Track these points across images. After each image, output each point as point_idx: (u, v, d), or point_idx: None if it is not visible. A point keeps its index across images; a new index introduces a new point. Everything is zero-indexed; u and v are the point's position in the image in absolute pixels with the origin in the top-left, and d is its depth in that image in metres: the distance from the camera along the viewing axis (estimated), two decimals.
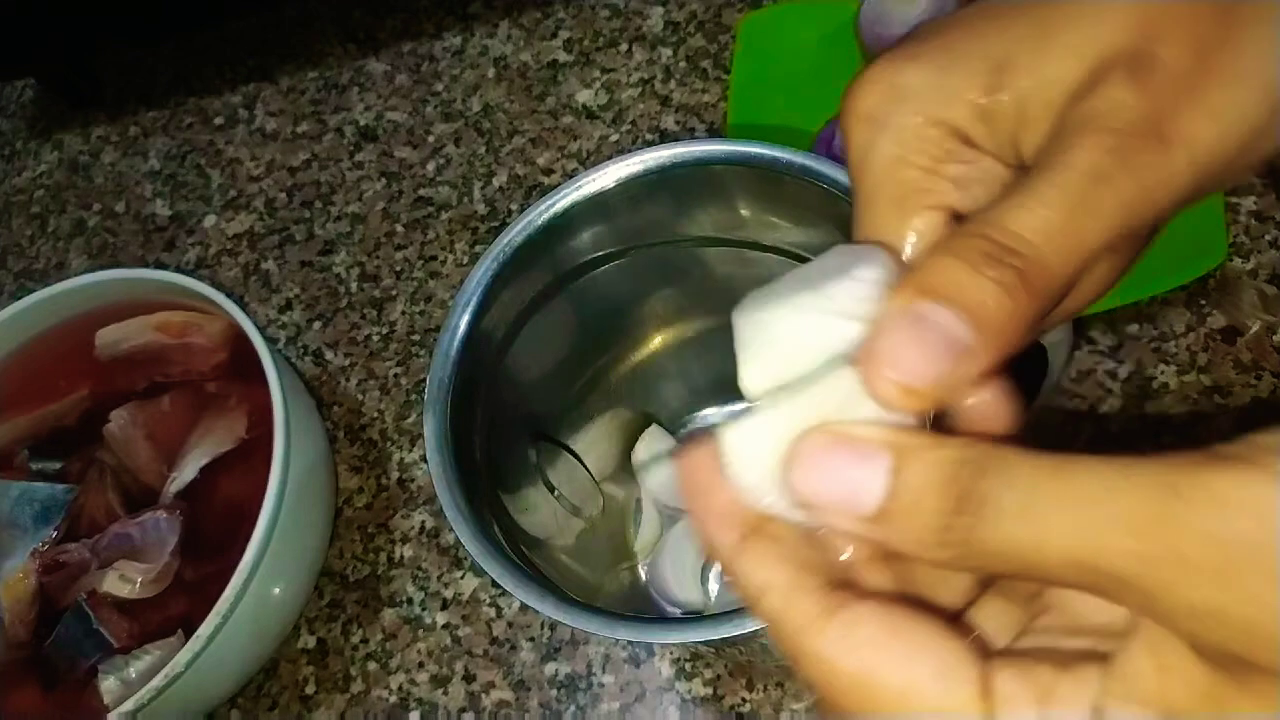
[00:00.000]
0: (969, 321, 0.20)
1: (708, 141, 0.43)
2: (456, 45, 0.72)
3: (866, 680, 0.19)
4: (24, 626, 0.50)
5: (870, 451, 0.20)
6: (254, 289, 0.66)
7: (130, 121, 0.76)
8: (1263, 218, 0.52)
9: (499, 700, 0.51)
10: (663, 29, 0.68)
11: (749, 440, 0.21)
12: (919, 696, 0.19)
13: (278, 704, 0.53)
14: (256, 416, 0.52)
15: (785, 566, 0.21)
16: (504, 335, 0.44)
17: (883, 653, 0.19)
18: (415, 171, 0.68)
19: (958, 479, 0.19)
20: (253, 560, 0.45)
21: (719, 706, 0.48)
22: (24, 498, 0.52)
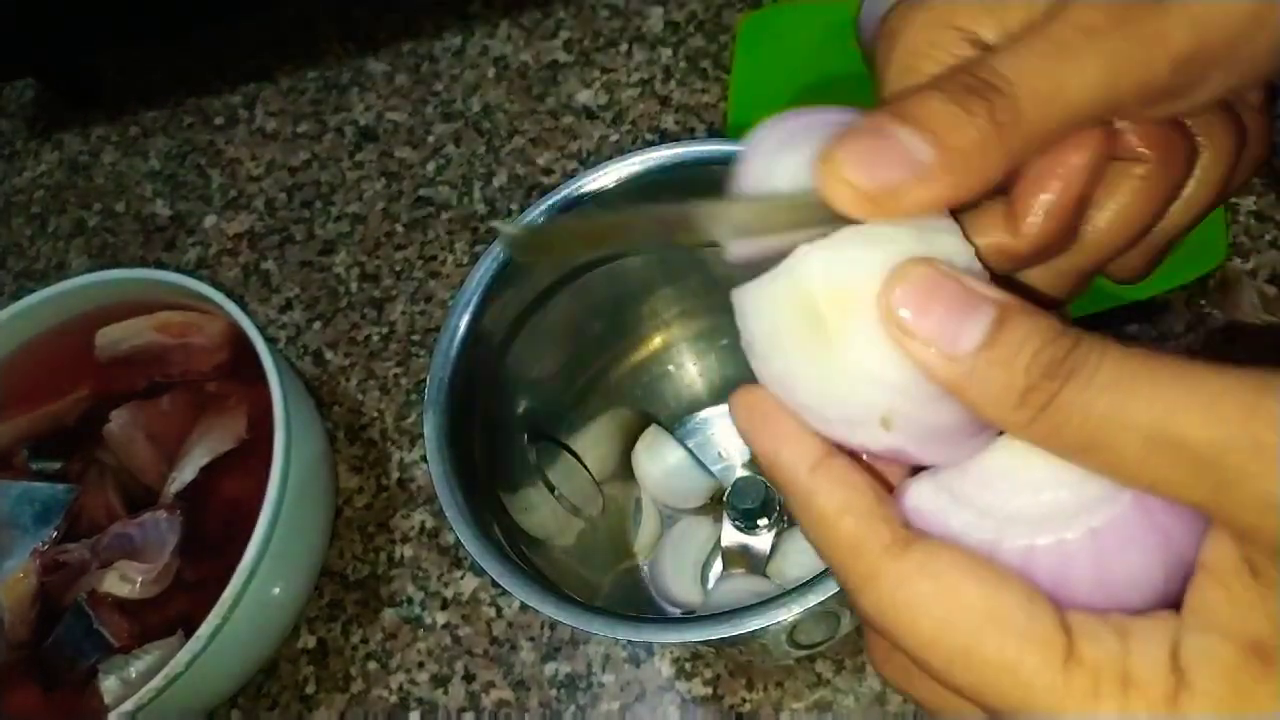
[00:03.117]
0: (929, 141, 0.20)
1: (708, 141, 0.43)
2: (456, 45, 0.72)
3: (949, 603, 0.19)
4: (24, 626, 0.50)
5: (978, 298, 0.20)
6: (254, 289, 0.66)
7: (130, 121, 0.76)
8: (1263, 218, 0.52)
9: (499, 700, 0.51)
10: (663, 29, 0.68)
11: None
12: (1006, 619, 0.19)
13: (278, 704, 0.53)
14: (256, 416, 0.52)
15: (866, 491, 0.21)
16: (504, 335, 0.44)
17: (967, 579, 0.19)
18: (415, 171, 0.68)
19: (1055, 344, 0.19)
20: (253, 560, 0.45)
21: (719, 706, 0.48)
22: (24, 497, 0.52)
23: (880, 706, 0.46)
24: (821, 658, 0.48)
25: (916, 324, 0.20)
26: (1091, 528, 0.19)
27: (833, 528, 0.21)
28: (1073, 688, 0.18)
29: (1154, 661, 0.18)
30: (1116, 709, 0.18)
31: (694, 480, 0.51)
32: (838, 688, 0.47)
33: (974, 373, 0.19)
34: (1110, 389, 0.18)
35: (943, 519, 0.21)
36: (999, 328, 0.19)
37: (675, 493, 0.51)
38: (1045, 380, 0.18)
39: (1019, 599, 0.19)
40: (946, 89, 0.21)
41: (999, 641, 0.19)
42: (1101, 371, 0.18)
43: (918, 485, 0.21)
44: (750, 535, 0.49)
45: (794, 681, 0.47)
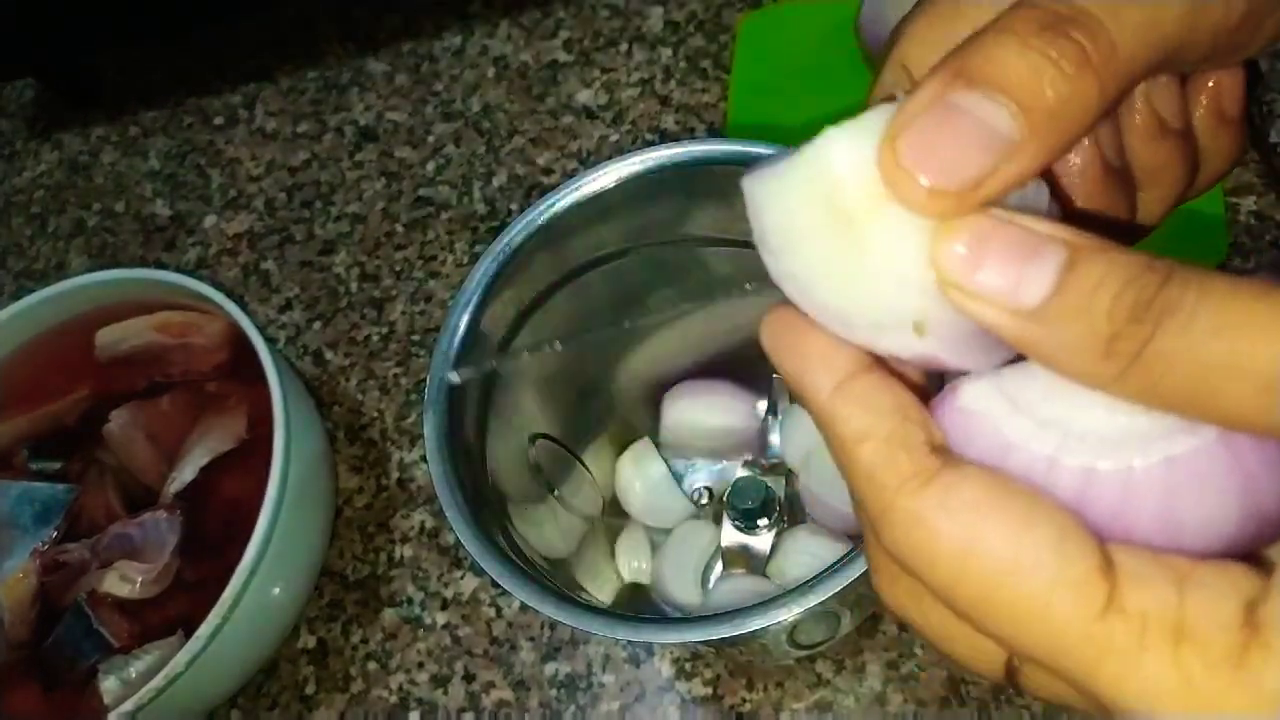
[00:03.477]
0: (1012, 109, 0.17)
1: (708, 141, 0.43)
2: (456, 45, 0.72)
3: (968, 548, 0.17)
4: (24, 626, 0.50)
5: (1043, 242, 0.17)
6: (254, 289, 0.66)
7: (130, 121, 0.76)
8: (1263, 218, 0.52)
9: (499, 700, 0.51)
10: (663, 29, 0.68)
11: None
12: (1030, 569, 0.16)
13: (278, 704, 0.53)
14: (256, 416, 0.52)
15: (889, 415, 0.19)
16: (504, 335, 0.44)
17: (990, 518, 0.17)
18: (415, 171, 0.68)
19: (1141, 281, 0.16)
20: (253, 560, 0.45)
21: (719, 706, 0.48)
22: (24, 497, 0.52)
23: (880, 707, 0.46)
24: (822, 658, 0.47)
25: (972, 280, 0.17)
26: (1167, 456, 0.17)
27: (850, 456, 0.19)
28: (1114, 639, 0.16)
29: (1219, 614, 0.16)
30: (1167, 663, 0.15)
31: (671, 499, 0.51)
32: (838, 688, 0.47)
33: (1045, 325, 0.16)
34: (1216, 332, 0.15)
35: (995, 425, 0.18)
36: (1070, 271, 0.16)
37: (652, 509, 0.51)
38: (1133, 325, 0.16)
39: (1050, 538, 0.17)
40: (1018, 30, 0.17)
41: (1026, 588, 0.16)
42: (1203, 311, 0.15)
43: (973, 385, 0.19)
44: (750, 535, 0.49)
45: (794, 682, 0.47)
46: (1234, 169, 0.26)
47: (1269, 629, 0.15)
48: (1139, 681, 0.16)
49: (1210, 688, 0.15)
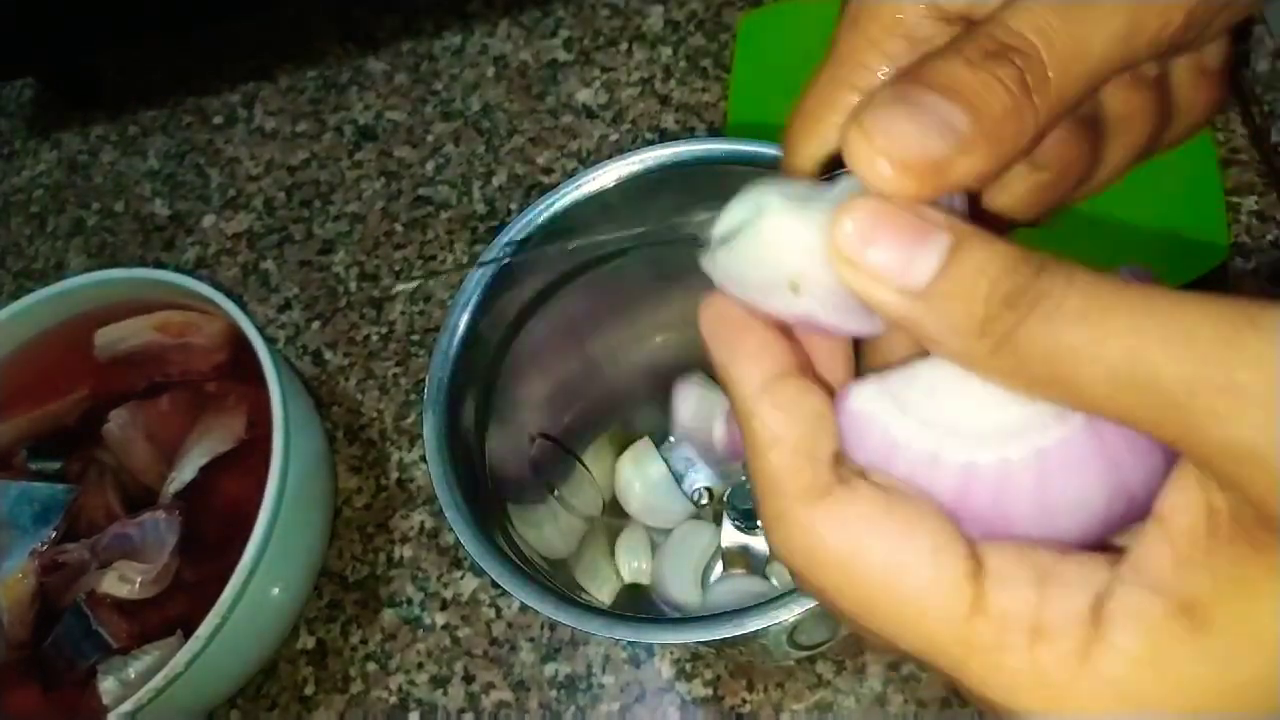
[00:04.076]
0: (965, 109, 0.19)
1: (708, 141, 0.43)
2: (456, 44, 0.72)
3: (851, 558, 0.18)
4: (23, 627, 0.50)
5: (931, 228, 0.18)
6: (253, 289, 0.66)
7: (129, 121, 0.76)
8: (1264, 217, 0.52)
9: (499, 701, 0.50)
10: (663, 28, 0.68)
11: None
12: (906, 576, 0.18)
13: (277, 704, 0.53)
14: (256, 417, 0.52)
15: (801, 424, 0.20)
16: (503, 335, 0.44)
17: (873, 530, 0.18)
18: (414, 171, 0.68)
19: (1017, 270, 0.17)
20: (252, 561, 0.45)
21: (719, 707, 0.48)
22: (23, 498, 0.52)
23: (881, 708, 0.46)
24: (822, 658, 0.47)
25: (864, 258, 0.18)
26: (1038, 447, 0.18)
27: (760, 458, 0.20)
28: (978, 639, 0.17)
29: (1070, 611, 0.17)
30: (1022, 659, 0.17)
31: (670, 499, 0.51)
32: (838, 689, 0.47)
33: (929, 305, 0.18)
34: (1077, 320, 0.17)
35: (883, 425, 0.20)
36: (954, 256, 0.18)
37: (652, 509, 0.51)
38: (1006, 310, 0.17)
39: (925, 550, 0.18)
40: (967, 54, 0.19)
41: (902, 594, 0.18)
42: (1069, 300, 0.17)
43: (860, 389, 0.20)
44: (751, 535, 0.49)
45: (794, 682, 0.47)
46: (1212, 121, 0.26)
47: (1111, 624, 0.17)
48: (1000, 676, 0.17)
49: (1061, 680, 0.17)
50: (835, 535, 0.19)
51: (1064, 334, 0.17)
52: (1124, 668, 0.16)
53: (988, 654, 0.17)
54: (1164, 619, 0.16)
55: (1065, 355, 0.17)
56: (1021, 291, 0.17)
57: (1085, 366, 0.17)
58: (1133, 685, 0.16)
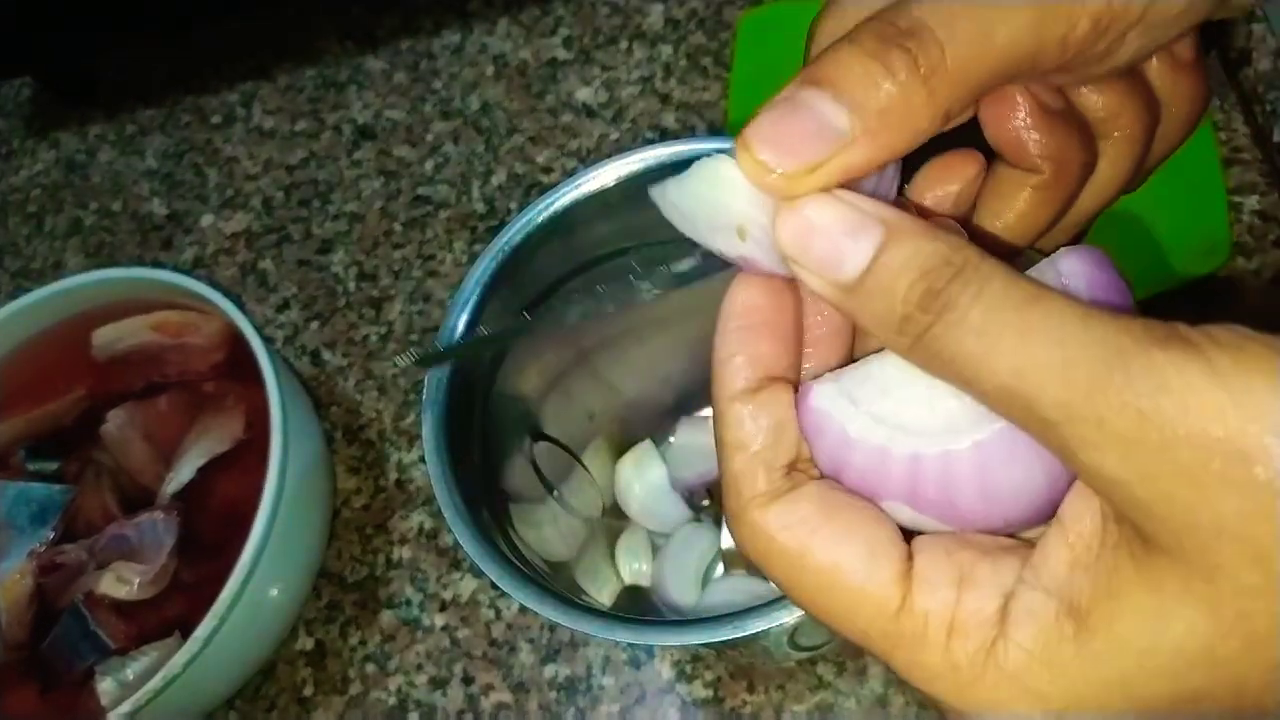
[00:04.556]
0: (846, 105, 0.20)
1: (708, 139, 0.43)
2: (455, 43, 0.71)
3: (798, 558, 0.21)
4: (21, 628, 0.49)
5: (864, 222, 0.20)
6: (251, 288, 0.66)
7: (127, 120, 0.76)
8: (1266, 218, 0.52)
9: (498, 702, 0.50)
10: (663, 26, 0.68)
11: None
12: (843, 575, 0.20)
13: (276, 706, 0.53)
14: (254, 417, 0.52)
15: (763, 433, 0.22)
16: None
17: (815, 534, 0.21)
18: (413, 170, 0.67)
19: (932, 275, 0.19)
20: (250, 561, 0.45)
21: (719, 709, 0.48)
22: (21, 498, 0.52)
23: (882, 709, 0.46)
24: (823, 660, 0.47)
25: (802, 253, 0.20)
26: (976, 440, 0.20)
27: (725, 459, 0.22)
28: (902, 635, 0.19)
29: (981, 612, 0.19)
30: (939, 653, 0.19)
31: (669, 504, 0.50)
32: (839, 690, 0.47)
33: (857, 299, 0.20)
34: (976, 334, 0.18)
35: (840, 423, 0.21)
36: (881, 252, 0.19)
37: (651, 512, 0.51)
38: (919, 312, 0.19)
39: (860, 555, 0.20)
40: (861, 42, 0.20)
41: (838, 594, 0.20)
42: (973, 313, 0.18)
43: (820, 387, 0.22)
44: None
45: (795, 684, 0.47)
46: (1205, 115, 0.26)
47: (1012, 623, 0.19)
48: (920, 669, 0.19)
49: (970, 673, 0.19)
50: (782, 536, 0.21)
51: (963, 344, 0.18)
52: (1022, 662, 0.18)
53: (911, 648, 0.19)
54: (1054, 620, 0.18)
55: (965, 363, 0.18)
56: (934, 295, 0.19)
57: (981, 376, 0.18)
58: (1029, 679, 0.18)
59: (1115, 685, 0.18)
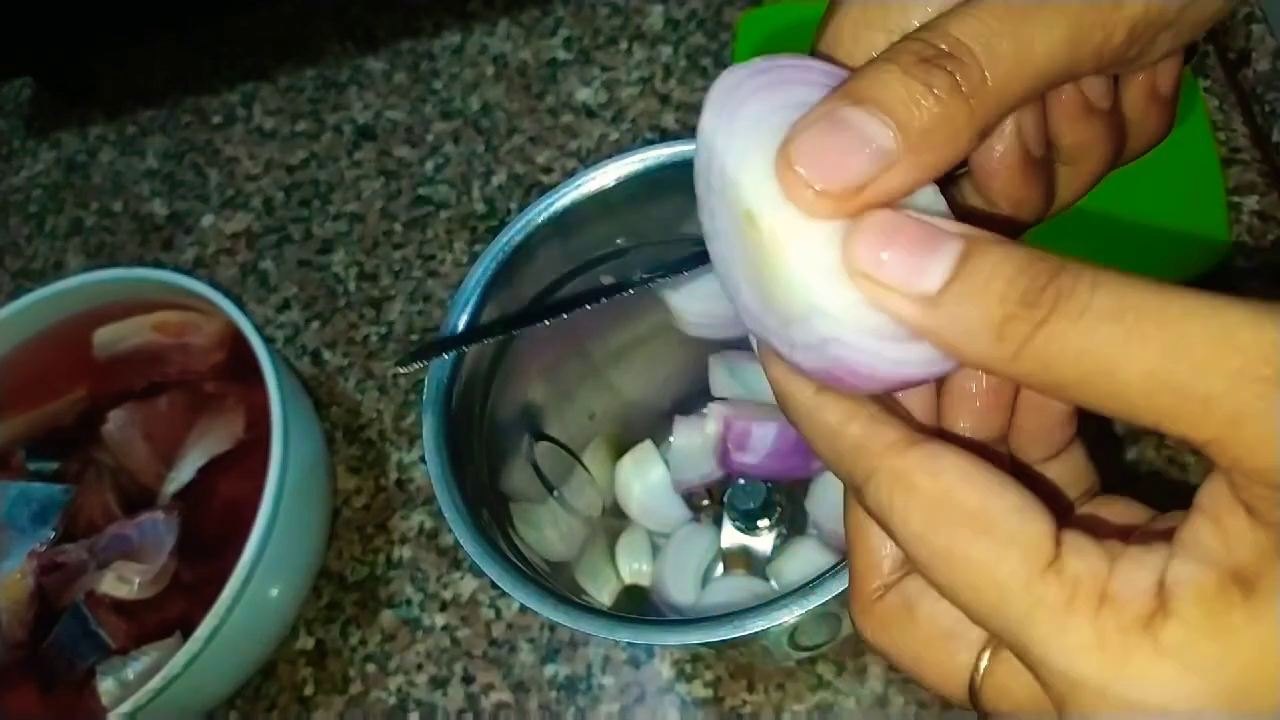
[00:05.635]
0: (891, 125, 0.19)
1: None
2: (455, 43, 0.72)
3: (943, 499, 0.19)
4: (22, 627, 0.49)
5: (942, 235, 0.19)
6: (252, 288, 0.66)
7: (128, 120, 0.76)
8: (1265, 217, 0.52)
9: (498, 702, 0.50)
10: (663, 27, 0.68)
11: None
12: (993, 522, 0.18)
13: (276, 705, 0.53)
14: (254, 417, 0.52)
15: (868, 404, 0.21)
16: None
17: (965, 479, 0.19)
18: (414, 170, 0.67)
19: (1034, 269, 0.17)
20: (250, 561, 0.45)
21: (719, 708, 0.48)
22: (21, 498, 0.52)
23: (881, 709, 0.46)
24: (823, 659, 0.47)
25: (877, 268, 0.19)
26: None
27: (839, 435, 0.21)
28: (1048, 594, 0.18)
29: (1138, 583, 0.17)
30: (1087, 622, 0.17)
31: (669, 504, 0.50)
32: (839, 690, 0.47)
33: (944, 310, 0.18)
34: (1108, 319, 0.17)
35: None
36: (966, 260, 0.18)
37: (651, 513, 0.51)
38: (1024, 309, 0.17)
39: (1013, 505, 0.18)
40: (900, 61, 0.20)
41: (983, 541, 0.18)
42: (1097, 300, 0.17)
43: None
44: (751, 536, 0.49)
45: (795, 683, 0.47)
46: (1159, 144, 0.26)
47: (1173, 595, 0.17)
48: (1062, 636, 0.17)
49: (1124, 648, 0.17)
50: (927, 481, 0.19)
51: (1097, 332, 0.17)
52: (1183, 637, 0.17)
53: (1055, 613, 0.17)
54: (1217, 587, 0.17)
55: (1098, 355, 0.17)
56: (1041, 289, 0.17)
57: (1122, 367, 0.17)
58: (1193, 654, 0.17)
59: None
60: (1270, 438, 0.16)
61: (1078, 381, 0.17)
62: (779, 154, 0.19)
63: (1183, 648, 0.17)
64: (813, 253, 0.19)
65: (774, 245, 0.20)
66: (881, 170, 0.19)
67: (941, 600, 0.20)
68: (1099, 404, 0.17)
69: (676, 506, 0.50)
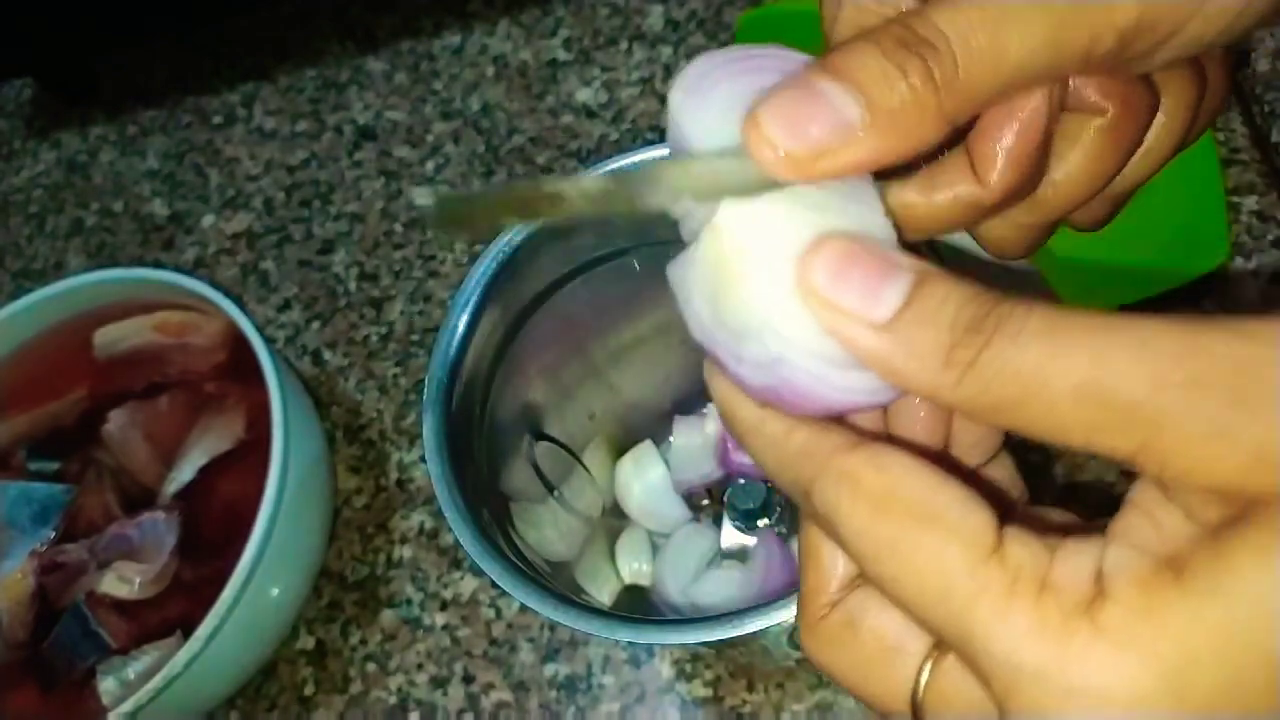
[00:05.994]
0: (861, 101, 0.20)
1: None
2: (455, 44, 0.72)
3: (888, 493, 0.19)
4: (22, 627, 0.50)
5: (896, 265, 0.19)
6: (252, 289, 0.66)
7: (128, 120, 0.76)
8: (1264, 217, 0.52)
9: (498, 701, 0.50)
10: (663, 27, 0.68)
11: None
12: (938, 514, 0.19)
13: (276, 705, 0.53)
14: (255, 417, 0.52)
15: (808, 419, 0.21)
16: (503, 335, 0.44)
17: (910, 473, 0.19)
18: (414, 170, 0.67)
19: (978, 300, 0.18)
20: (251, 561, 0.45)
21: (719, 708, 0.48)
22: (22, 498, 0.52)
23: None
24: None
25: (834, 294, 0.19)
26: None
27: (785, 443, 0.21)
28: (990, 582, 0.18)
29: (1077, 571, 0.18)
30: (1029, 608, 0.18)
31: (669, 504, 0.50)
32: (839, 689, 0.47)
33: (896, 337, 0.19)
34: (1040, 337, 0.17)
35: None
36: (918, 289, 0.19)
37: (650, 513, 0.51)
38: (970, 335, 0.18)
39: (956, 498, 0.19)
40: (882, 42, 0.20)
41: (927, 531, 0.19)
42: (1031, 322, 0.18)
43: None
44: (751, 536, 0.49)
45: (795, 683, 0.47)
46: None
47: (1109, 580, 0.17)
48: (1004, 622, 0.18)
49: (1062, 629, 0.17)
50: (872, 475, 0.20)
51: (1029, 350, 0.17)
52: (1122, 617, 0.17)
53: (997, 599, 0.18)
54: (1151, 571, 0.17)
55: (1031, 371, 0.17)
56: (985, 315, 0.18)
57: (1051, 383, 0.17)
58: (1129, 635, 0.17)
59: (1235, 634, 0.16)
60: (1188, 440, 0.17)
61: (1015, 402, 0.18)
62: (748, 112, 0.20)
63: (1120, 629, 0.17)
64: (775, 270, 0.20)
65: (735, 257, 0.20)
66: (843, 143, 0.20)
67: (885, 613, 0.21)
68: (1036, 424, 0.18)
69: (676, 506, 0.50)
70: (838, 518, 0.20)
